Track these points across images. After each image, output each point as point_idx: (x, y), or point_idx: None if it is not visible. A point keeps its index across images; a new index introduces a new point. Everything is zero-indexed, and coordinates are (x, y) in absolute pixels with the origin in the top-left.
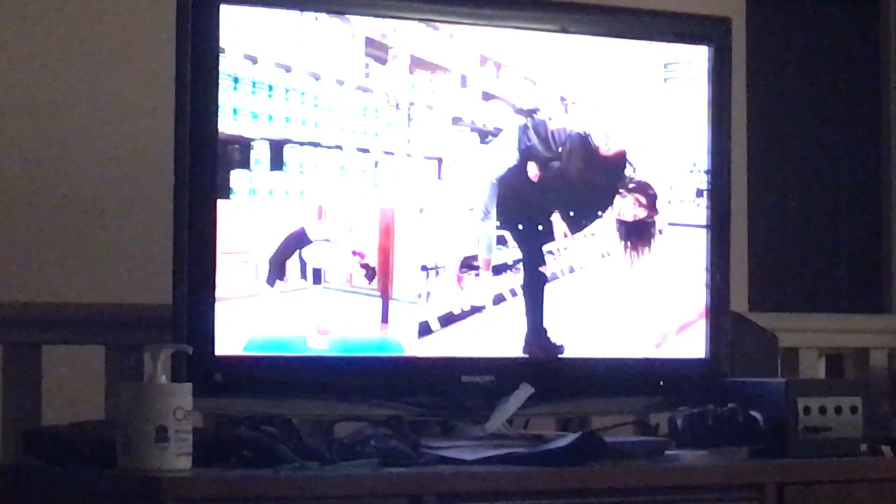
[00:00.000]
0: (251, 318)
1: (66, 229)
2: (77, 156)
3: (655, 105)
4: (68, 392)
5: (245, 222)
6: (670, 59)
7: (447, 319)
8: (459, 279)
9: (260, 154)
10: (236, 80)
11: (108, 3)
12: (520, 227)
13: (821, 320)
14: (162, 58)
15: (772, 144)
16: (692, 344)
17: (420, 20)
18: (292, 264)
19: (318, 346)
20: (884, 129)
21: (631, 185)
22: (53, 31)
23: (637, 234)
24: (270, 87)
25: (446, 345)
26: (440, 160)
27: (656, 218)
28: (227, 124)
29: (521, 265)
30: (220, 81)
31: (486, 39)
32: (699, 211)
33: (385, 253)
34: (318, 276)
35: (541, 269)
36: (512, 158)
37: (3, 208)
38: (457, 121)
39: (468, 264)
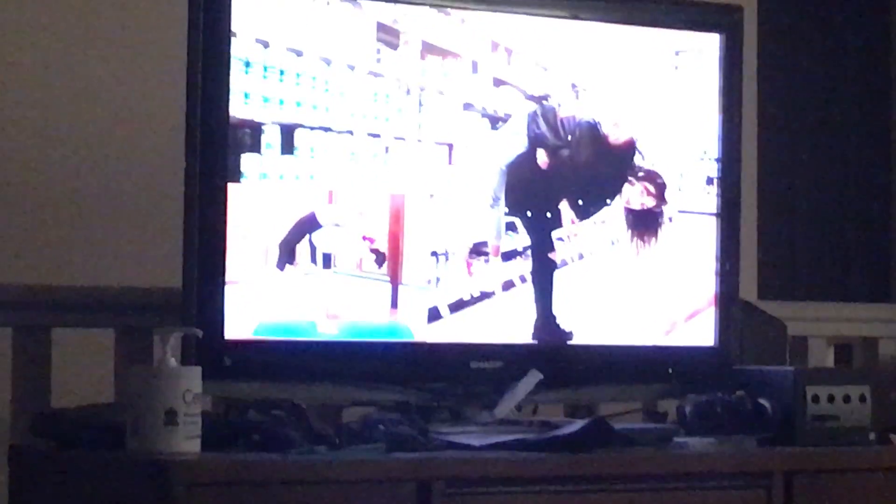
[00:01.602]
0: (261, 302)
1: (77, 212)
2: (88, 139)
3: (666, 93)
4: (78, 375)
5: (255, 206)
6: (681, 46)
7: (457, 305)
8: (469, 265)
9: (271, 138)
10: (248, 63)
11: None
12: (528, 213)
13: (830, 309)
14: (174, 41)
15: (782, 132)
16: (701, 332)
17: (431, 5)
18: (302, 249)
19: (328, 330)
20: (894, 117)
21: (640, 174)
22: (66, 16)
23: (646, 221)
24: (282, 72)
25: (455, 330)
26: (451, 146)
27: (665, 206)
28: (238, 108)
29: (530, 252)
30: (232, 65)
31: (498, 25)
32: (709, 199)
33: (395, 238)
34: (328, 261)
35: (550, 255)
36: (521, 145)
37: (13, 191)
38: (468, 107)
39: (478, 250)
